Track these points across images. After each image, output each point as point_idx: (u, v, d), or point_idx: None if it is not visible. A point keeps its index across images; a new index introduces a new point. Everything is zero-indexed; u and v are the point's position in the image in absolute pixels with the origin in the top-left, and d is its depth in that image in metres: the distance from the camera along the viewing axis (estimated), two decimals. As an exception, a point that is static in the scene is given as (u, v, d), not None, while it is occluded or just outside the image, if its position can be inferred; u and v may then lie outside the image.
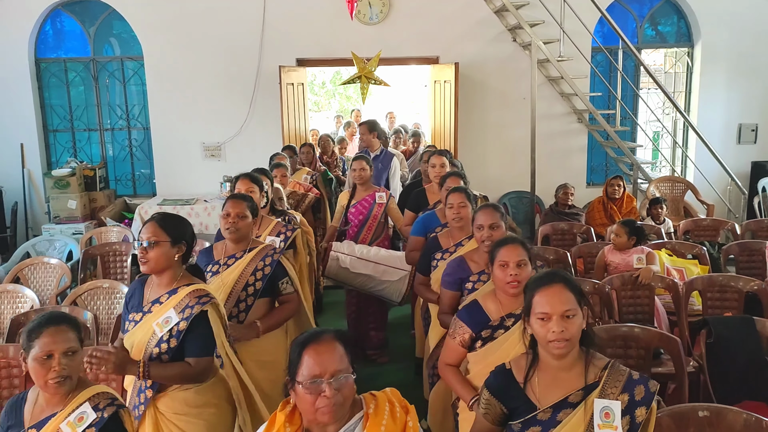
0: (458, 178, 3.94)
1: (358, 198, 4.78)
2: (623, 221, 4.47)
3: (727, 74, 7.70)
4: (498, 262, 2.52)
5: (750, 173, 7.73)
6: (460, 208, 3.38)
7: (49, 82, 7.69)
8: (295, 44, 7.38)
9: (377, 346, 4.92)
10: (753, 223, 5.73)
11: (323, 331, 1.76)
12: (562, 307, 1.90)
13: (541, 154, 6.82)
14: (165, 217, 2.52)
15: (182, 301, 2.39)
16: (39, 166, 7.61)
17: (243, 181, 3.66)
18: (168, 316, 2.38)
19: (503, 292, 2.53)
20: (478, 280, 2.95)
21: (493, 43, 7.44)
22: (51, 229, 6.98)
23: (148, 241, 2.39)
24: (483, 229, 2.97)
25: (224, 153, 7.58)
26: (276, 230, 3.59)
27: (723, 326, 3.22)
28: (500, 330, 2.48)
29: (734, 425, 2.28)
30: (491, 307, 2.55)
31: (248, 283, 2.94)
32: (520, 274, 2.47)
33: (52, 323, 1.99)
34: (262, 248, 3.03)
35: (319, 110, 17.69)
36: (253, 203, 3.15)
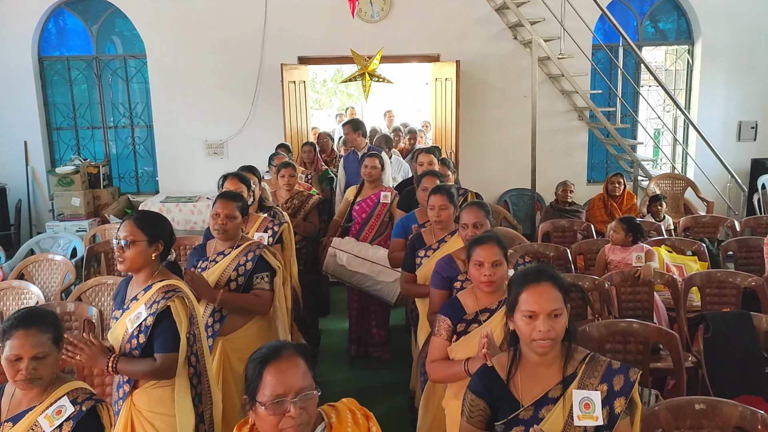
0: (434, 177, 3.86)
1: (364, 195, 4.79)
2: (621, 218, 4.52)
3: (727, 72, 7.73)
4: (473, 260, 2.55)
5: (750, 170, 7.77)
6: (441, 211, 3.37)
7: (52, 80, 7.74)
8: (297, 42, 7.42)
9: (379, 344, 4.95)
10: (752, 220, 5.75)
11: (282, 345, 1.67)
12: (550, 306, 1.86)
13: (541, 151, 6.85)
14: (142, 216, 2.51)
15: (152, 297, 2.40)
16: (43, 163, 7.66)
17: (231, 181, 3.70)
18: (138, 312, 2.39)
19: (479, 290, 2.57)
20: (467, 279, 2.90)
21: (494, 40, 7.47)
22: (55, 227, 7.02)
23: (125, 240, 2.40)
24: (467, 227, 3.01)
25: (227, 150, 7.62)
26: (263, 226, 3.63)
27: (720, 321, 3.26)
28: (474, 324, 2.52)
29: (730, 418, 2.32)
30: (468, 301, 2.59)
31: (230, 278, 2.98)
32: (495, 273, 2.51)
33: (22, 326, 1.98)
34: (247, 244, 3.07)
35: (320, 108, 17.73)
36: (244, 202, 3.17)
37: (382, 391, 4.45)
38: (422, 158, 4.50)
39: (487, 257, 2.52)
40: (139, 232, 2.42)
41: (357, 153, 5.76)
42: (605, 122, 6.97)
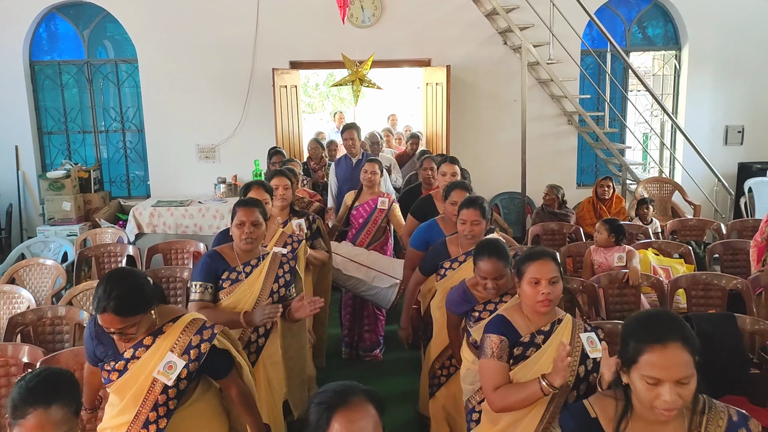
0: (464, 191, 3.62)
1: (362, 200, 4.79)
2: (605, 219, 4.62)
3: (714, 76, 7.83)
4: (528, 278, 2.35)
5: (737, 174, 7.86)
6: (473, 226, 3.21)
7: (43, 84, 7.74)
8: (289, 47, 7.45)
9: (371, 348, 4.96)
10: (738, 223, 5.83)
11: (351, 390, 1.47)
12: (679, 374, 1.57)
13: (532, 155, 6.91)
14: (120, 302, 2.07)
15: (181, 341, 2.20)
16: (33, 168, 7.66)
17: (257, 190, 3.58)
18: (170, 361, 2.17)
19: (532, 310, 2.38)
20: (484, 309, 2.82)
21: (484, 45, 7.54)
22: (46, 231, 7.02)
23: (120, 332, 2.12)
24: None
25: (218, 155, 7.64)
26: (282, 240, 3.54)
27: (705, 322, 3.32)
28: (532, 348, 2.35)
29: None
30: (520, 322, 2.40)
31: (273, 290, 2.97)
32: (553, 291, 2.33)
33: (40, 403, 1.68)
34: (274, 256, 3.05)
35: (313, 112, 17.76)
36: (263, 208, 3.09)
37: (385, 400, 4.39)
38: (446, 168, 4.29)
39: (544, 273, 2.33)
40: (128, 320, 2.11)
41: (350, 159, 5.67)
42: (594, 127, 7.05)
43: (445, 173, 4.26)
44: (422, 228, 3.81)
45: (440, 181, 4.28)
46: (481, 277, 2.76)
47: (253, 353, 3.01)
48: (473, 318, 2.84)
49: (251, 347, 3.00)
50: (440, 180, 4.29)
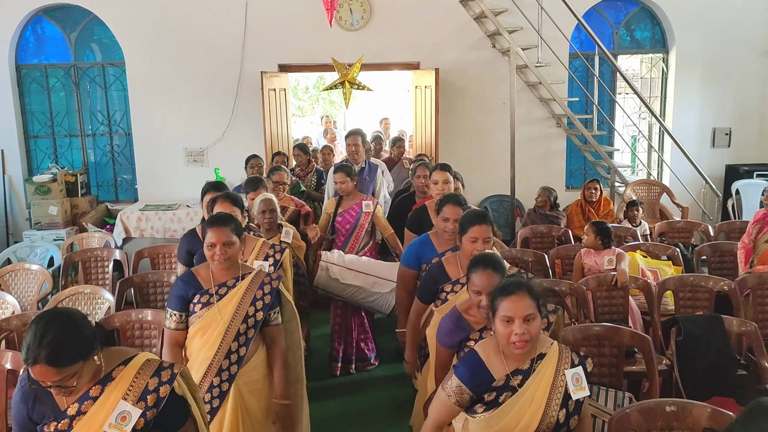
0: (458, 206, 3.28)
1: (345, 207, 4.70)
2: (592, 222, 4.64)
3: (701, 79, 7.88)
4: (500, 316, 2.12)
5: (724, 176, 7.91)
6: (485, 244, 2.89)
7: (29, 87, 7.67)
8: (277, 50, 7.43)
9: (366, 358, 4.85)
10: (725, 224, 5.87)
11: None
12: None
13: (521, 158, 6.92)
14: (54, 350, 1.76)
15: (135, 386, 1.92)
16: (20, 172, 7.58)
17: (222, 204, 3.31)
18: (123, 411, 1.89)
19: (506, 350, 2.16)
20: (481, 337, 2.54)
21: (473, 49, 7.55)
22: (32, 236, 6.95)
23: (59, 385, 1.81)
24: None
25: (207, 158, 7.60)
26: (263, 253, 3.33)
27: (692, 324, 3.33)
28: (506, 393, 2.12)
29: (699, 419, 2.37)
30: (495, 362, 2.17)
31: (248, 314, 2.68)
32: (529, 331, 2.08)
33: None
34: (256, 275, 2.79)
35: (303, 115, 17.73)
36: (237, 223, 2.81)
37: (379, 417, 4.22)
38: (436, 176, 4.03)
39: (517, 311, 2.09)
40: (65, 370, 1.80)
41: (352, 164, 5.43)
42: (582, 129, 7.07)
43: (436, 181, 4.03)
44: (414, 244, 3.45)
45: (432, 190, 4.12)
46: (475, 292, 2.50)
47: (225, 381, 2.66)
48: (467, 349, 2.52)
49: (222, 375, 2.65)
50: (432, 189, 4.11)
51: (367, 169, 5.60)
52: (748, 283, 4.03)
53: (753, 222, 4.36)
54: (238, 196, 3.43)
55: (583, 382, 2.15)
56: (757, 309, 4.02)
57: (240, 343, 2.67)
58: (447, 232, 3.24)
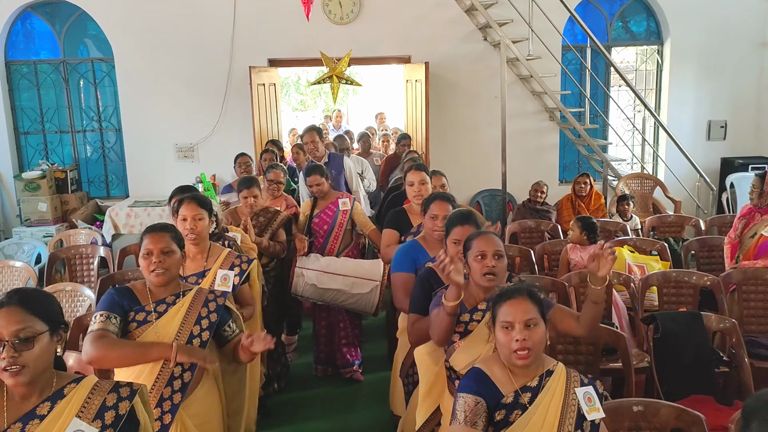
0: (446, 203, 3.11)
1: (320, 207, 4.53)
2: (578, 217, 4.58)
3: (697, 71, 7.78)
4: (500, 322, 1.98)
5: (719, 169, 7.82)
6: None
7: (19, 84, 7.65)
8: (267, 44, 7.38)
9: (350, 363, 4.65)
10: (717, 219, 5.79)
11: None
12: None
13: (513, 152, 6.86)
14: (26, 295, 1.72)
15: (91, 402, 1.73)
16: (10, 168, 7.56)
17: (189, 205, 2.98)
18: (77, 431, 1.68)
19: (508, 362, 1.99)
20: (471, 320, 2.39)
21: (464, 42, 7.47)
22: (22, 232, 6.94)
23: (18, 336, 1.63)
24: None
25: (197, 154, 7.57)
26: (229, 262, 3.02)
27: (670, 321, 3.27)
28: (516, 411, 1.94)
29: (668, 420, 2.33)
30: (501, 377, 1.98)
31: (192, 334, 2.38)
32: (531, 337, 1.92)
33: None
34: (198, 292, 2.49)
35: (306, 109, 17.66)
36: (177, 233, 2.54)
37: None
38: (412, 177, 3.78)
39: (516, 315, 1.94)
40: (29, 319, 1.67)
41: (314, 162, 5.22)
42: (574, 123, 6.99)
43: (412, 182, 3.78)
44: (405, 249, 3.20)
45: (408, 192, 3.85)
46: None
47: (167, 413, 2.30)
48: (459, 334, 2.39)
49: (163, 405, 2.30)
50: (408, 191, 3.85)
51: (331, 162, 5.32)
52: (733, 279, 3.97)
53: (739, 217, 4.29)
54: (207, 198, 3.14)
55: (596, 402, 1.99)
56: (742, 305, 3.95)
57: (184, 368, 2.34)
58: (437, 231, 3.00)
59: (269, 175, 4.77)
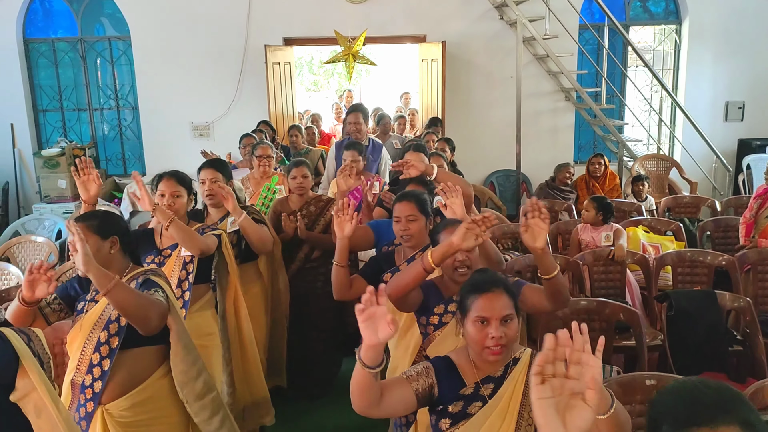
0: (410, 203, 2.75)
1: None
2: (593, 197, 4.56)
3: (715, 52, 7.69)
4: (473, 316, 1.85)
5: (736, 151, 7.76)
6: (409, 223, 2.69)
7: (38, 62, 7.72)
8: (282, 23, 7.38)
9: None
10: (733, 199, 5.78)
11: None
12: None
13: (528, 132, 6.84)
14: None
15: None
16: (29, 145, 7.66)
17: (167, 182, 3.01)
18: None
19: (478, 357, 1.89)
20: (446, 311, 2.34)
21: (480, 21, 7.43)
22: (42, 209, 7.05)
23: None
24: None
25: (213, 132, 7.62)
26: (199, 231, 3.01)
27: (684, 299, 3.29)
28: (476, 402, 1.86)
29: (680, 393, 2.36)
30: (466, 368, 1.91)
31: (110, 319, 2.19)
32: (507, 333, 1.82)
33: None
34: (133, 275, 2.32)
35: (319, 89, 17.61)
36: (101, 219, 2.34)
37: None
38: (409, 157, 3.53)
39: (493, 311, 1.82)
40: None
41: None
42: (590, 103, 6.95)
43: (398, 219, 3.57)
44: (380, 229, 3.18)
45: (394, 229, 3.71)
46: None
47: (89, 401, 2.19)
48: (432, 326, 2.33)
49: (86, 392, 2.19)
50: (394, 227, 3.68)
51: (371, 148, 5.13)
52: (749, 259, 3.97)
53: (755, 197, 4.28)
54: (186, 176, 3.14)
55: None
56: (757, 285, 3.96)
57: (102, 355, 2.18)
58: (402, 234, 2.69)
59: (257, 152, 4.71)
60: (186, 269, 2.94)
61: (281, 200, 3.94)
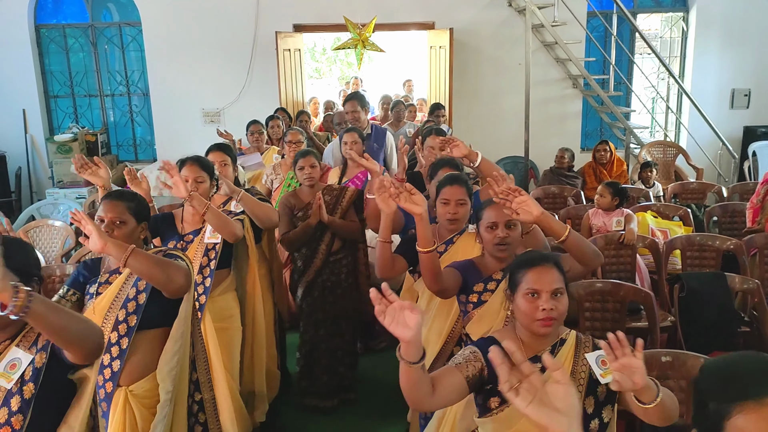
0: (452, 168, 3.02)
1: (349, 175, 4.20)
2: (607, 182, 4.63)
3: (721, 39, 7.74)
4: (524, 290, 1.86)
5: (742, 138, 7.83)
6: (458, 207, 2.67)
7: (48, 48, 7.77)
8: (292, 10, 7.43)
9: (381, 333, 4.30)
10: (739, 186, 5.85)
11: None
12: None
13: (536, 119, 6.91)
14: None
15: (29, 332, 1.75)
16: (41, 131, 7.74)
17: (190, 167, 2.97)
18: (14, 359, 1.72)
19: (529, 332, 1.88)
20: (485, 290, 2.35)
21: (488, 7, 7.47)
22: (55, 194, 7.13)
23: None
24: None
25: (223, 118, 7.68)
26: None
27: (695, 281, 3.39)
28: None
29: (693, 369, 2.45)
30: (512, 349, 1.94)
31: (127, 298, 2.20)
32: (557, 307, 1.83)
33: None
34: None
35: (321, 77, 17.61)
36: (138, 202, 2.35)
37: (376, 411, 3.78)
38: (431, 142, 3.75)
39: (544, 284, 1.83)
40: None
41: None
42: (598, 90, 7.02)
43: (432, 147, 3.72)
44: None
45: (427, 157, 3.79)
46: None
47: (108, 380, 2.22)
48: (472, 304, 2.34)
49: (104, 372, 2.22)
50: (427, 155, 3.80)
51: (374, 135, 5.00)
52: (756, 243, 4.05)
53: (762, 182, 4.36)
54: (209, 161, 3.12)
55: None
56: (763, 268, 4.05)
57: (120, 333, 2.19)
58: (449, 221, 2.70)
59: (287, 137, 4.73)
60: (208, 255, 2.95)
61: (291, 193, 3.71)
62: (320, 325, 3.67)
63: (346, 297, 3.68)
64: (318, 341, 3.68)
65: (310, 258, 3.63)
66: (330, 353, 3.70)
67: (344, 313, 3.70)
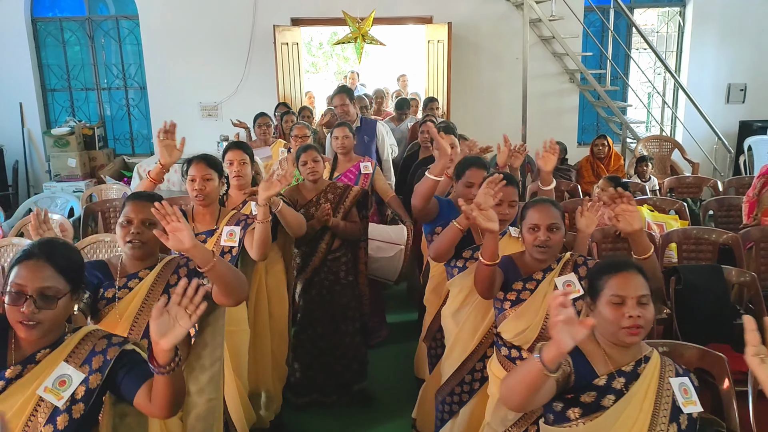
0: (482, 170, 2.93)
1: (341, 170, 4.17)
2: (609, 176, 4.65)
3: (718, 34, 7.77)
4: (608, 297, 1.79)
5: (737, 132, 7.87)
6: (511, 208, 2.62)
7: (45, 41, 7.75)
8: (290, 3, 7.42)
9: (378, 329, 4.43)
10: (735, 180, 5.88)
11: None
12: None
13: (533, 113, 6.93)
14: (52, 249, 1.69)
15: (80, 349, 1.71)
16: (38, 125, 7.72)
17: (197, 166, 2.87)
18: (63, 375, 1.65)
19: (614, 340, 1.81)
20: (524, 289, 2.35)
21: (486, 2, 7.49)
22: (52, 187, 7.14)
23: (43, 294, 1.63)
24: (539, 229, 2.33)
25: (221, 112, 7.68)
26: (236, 219, 2.90)
27: (692, 273, 3.41)
28: (609, 395, 1.77)
29: (691, 360, 2.48)
30: (596, 357, 1.82)
31: None
32: (644, 315, 1.75)
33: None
34: (168, 261, 2.24)
35: (317, 71, 17.59)
36: None
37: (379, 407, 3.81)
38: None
39: (629, 290, 1.77)
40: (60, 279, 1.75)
41: None
42: (595, 84, 7.04)
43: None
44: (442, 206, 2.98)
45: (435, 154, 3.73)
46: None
47: None
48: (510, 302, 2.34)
49: None
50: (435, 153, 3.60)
51: (364, 128, 4.96)
52: (752, 236, 4.09)
53: (758, 176, 4.39)
54: (217, 159, 3.02)
55: (692, 395, 1.83)
56: (759, 261, 4.09)
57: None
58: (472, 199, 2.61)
59: (294, 132, 4.71)
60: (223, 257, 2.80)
61: (294, 189, 3.59)
62: (318, 323, 3.63)
63: (345, 295, 3.64)
64: (316, 339, 3.64)
65: (309, 256, 3.57)
66: (328, 351, 3.67)
67: (343, 310, 3.65)
